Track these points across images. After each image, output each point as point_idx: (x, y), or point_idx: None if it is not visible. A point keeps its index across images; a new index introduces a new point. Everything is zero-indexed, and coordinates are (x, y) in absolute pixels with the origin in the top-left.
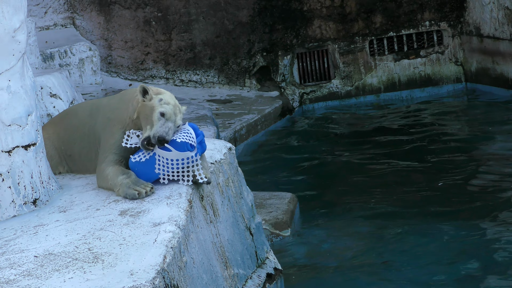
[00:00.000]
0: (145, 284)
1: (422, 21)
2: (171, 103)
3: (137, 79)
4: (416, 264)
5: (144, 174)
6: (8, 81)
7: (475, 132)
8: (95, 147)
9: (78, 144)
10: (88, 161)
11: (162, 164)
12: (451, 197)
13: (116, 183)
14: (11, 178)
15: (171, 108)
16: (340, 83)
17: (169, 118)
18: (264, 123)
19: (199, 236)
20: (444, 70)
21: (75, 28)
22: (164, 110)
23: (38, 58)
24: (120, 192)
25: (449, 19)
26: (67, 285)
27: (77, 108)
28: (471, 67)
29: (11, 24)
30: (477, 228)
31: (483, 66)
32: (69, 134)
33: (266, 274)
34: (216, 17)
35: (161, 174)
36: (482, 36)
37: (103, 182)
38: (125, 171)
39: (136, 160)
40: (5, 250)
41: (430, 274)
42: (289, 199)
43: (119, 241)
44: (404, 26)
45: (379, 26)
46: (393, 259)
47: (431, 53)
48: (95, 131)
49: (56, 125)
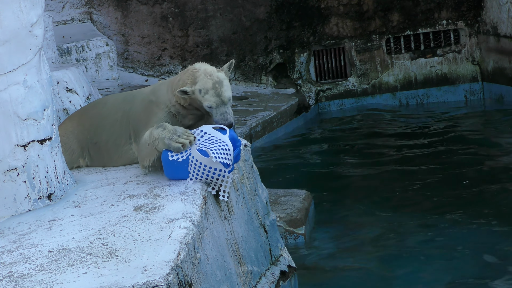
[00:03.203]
0: (159, 280)
1: (439, 20)
2: (209, 87)
3: (153, 75)
4: (435, 264)
5: (177, 172)
6: (24, 75)
7: (491, 134)
8: (126, 133)
9: (107, 131)
10: (114, 148)
11: (194, 165)
12: (470, 197)
13: (154, 137)
14: (26, 173)
15: (213, 94)
16: (357, 81)
17: (218, 105)
18: (280, 120)
19: (214, 233)
20: (460, 69)
21: (92, 23)
22: (209, 103)
23: (55, 53)
24: (160, 145)
25: (466, 18)
26: (81, 280)
27: (107, 98)
28: (487, 67)
29: (28, 18)
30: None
31: (499, 66)
32: (97, 122)
33: (280, 271)
34: (233, 13)
35: (191, 174)
36: (499, 36)
37: (143, 150)
38: (159, 124)
39: (173, 158)
40: (20, 245)
41: (448, 274)
42: (304, 197)
43: (133, 237)
44: (421, 25)
45: (396, 24)
46: (409, 259)
47: (448, 52)
48: (130, 115)
49: (81, 116)
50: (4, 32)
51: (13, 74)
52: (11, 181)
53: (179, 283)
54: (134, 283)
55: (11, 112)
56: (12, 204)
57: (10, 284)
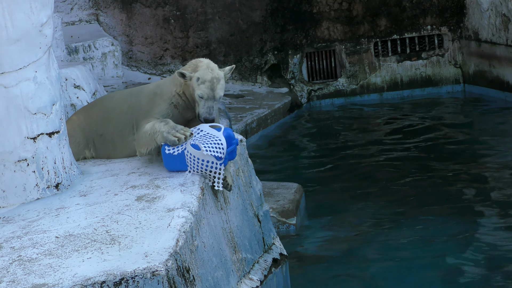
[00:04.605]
0: (159, 266)
1: (424, 25)
2: (207, 79)
3: (155, 73)
4: (423, 253)
5: (175, 165)
6: (34, 72)
7: (472, 130)
8: (130, 123)
9: (112, 123)
10: (119, 139)
11: (189, 158)
12: (456, 189)
13: (155, 130)
14: (35, 163)
15: (208, 86)
16: (346, 81)
17: (208, 98)
18: (274, 117)
19: (210, 222)
20: (443, 71)
21: (99, 24)
22: (201, 92)
23: (63, 52)
24: (159, 138)
25: (450, 24)
26: (86, 264)
27: (114, 93)
28: (469, 70)
29: (39, 18)
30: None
31: (480, 69)
32: (104, 114)
33: (272, 259)
34: (231, 16)
35: (189, 167)
36: (480, 41)
37: (143, 139)
38: (162, 119)
39: (169, 152)
40: (29, 231)
41: (435, 263)
42: (296, 189)
43: (135, 225)
44: (407, 30)
45: (384, 29)
46: (397, 248)
47: (432, 56)
48: (135, 107)
49: (89, 110)
50: (16, 32)
51: (24, 71)
52: (21, 171)
53: (178, 268)
54: (135, 268)
55: (21, 107)
56: (22, 193)
57: (19, 267)
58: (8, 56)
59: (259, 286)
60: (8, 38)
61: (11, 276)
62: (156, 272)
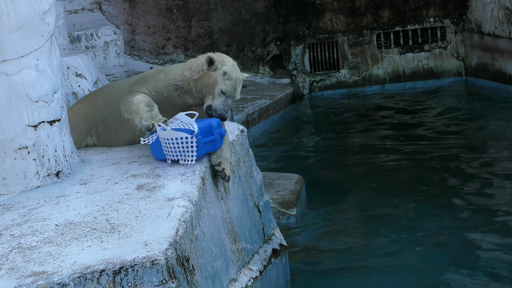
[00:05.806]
0: (158, 255)
1: (427, 17)
2: (233, 77)
3: (157, 63)
4: (422, 245)
5: (157, 153)
6: (36, 60)
7: (474, 123)
8: None
9: (115, 105)
10: (120, 121)
11: (164, 144)
12: (460, 181)
13: (138, 110)
14: (36, 151)
15: (233, 84)
16: (348, 73)
17: (230, 96)
18: (276, 108)
19: (210, 212)
20: (446, 64)
21: (101, 13)
22: (226, 88)
23: (65, 40)
24: (136, 121)
25: (452, 16)
26: (85, 253)
27: (119, 80)
28: (471, 62)
29: (41, 6)
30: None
31: (482, 62)
32: (108, 98)
33: (272, 249)
34: (233, 7)
35: (167, 155)
36: (482, 34)
37: (128, 105)
38: (151, 102)
39: (145, 142)
40: (29, 218)
41: (435, 256)
42: (296, 180)
43: (135, 214)
44: (410, 22)
45: (387, 21)
46: (397, 240)
47: (435, 48)
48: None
49: (93, 97)
50: (18, 19)
51: (25, 59)
52: (22, 159)
53: (177, 257)
54: (135, 257)
55: (23, 94)
56: (22, 180)
57: (19, 255)
58: (10, 44)
59: (258, 276)
60: (10, 25)
61: (10, 264)
62: (155, 261)
